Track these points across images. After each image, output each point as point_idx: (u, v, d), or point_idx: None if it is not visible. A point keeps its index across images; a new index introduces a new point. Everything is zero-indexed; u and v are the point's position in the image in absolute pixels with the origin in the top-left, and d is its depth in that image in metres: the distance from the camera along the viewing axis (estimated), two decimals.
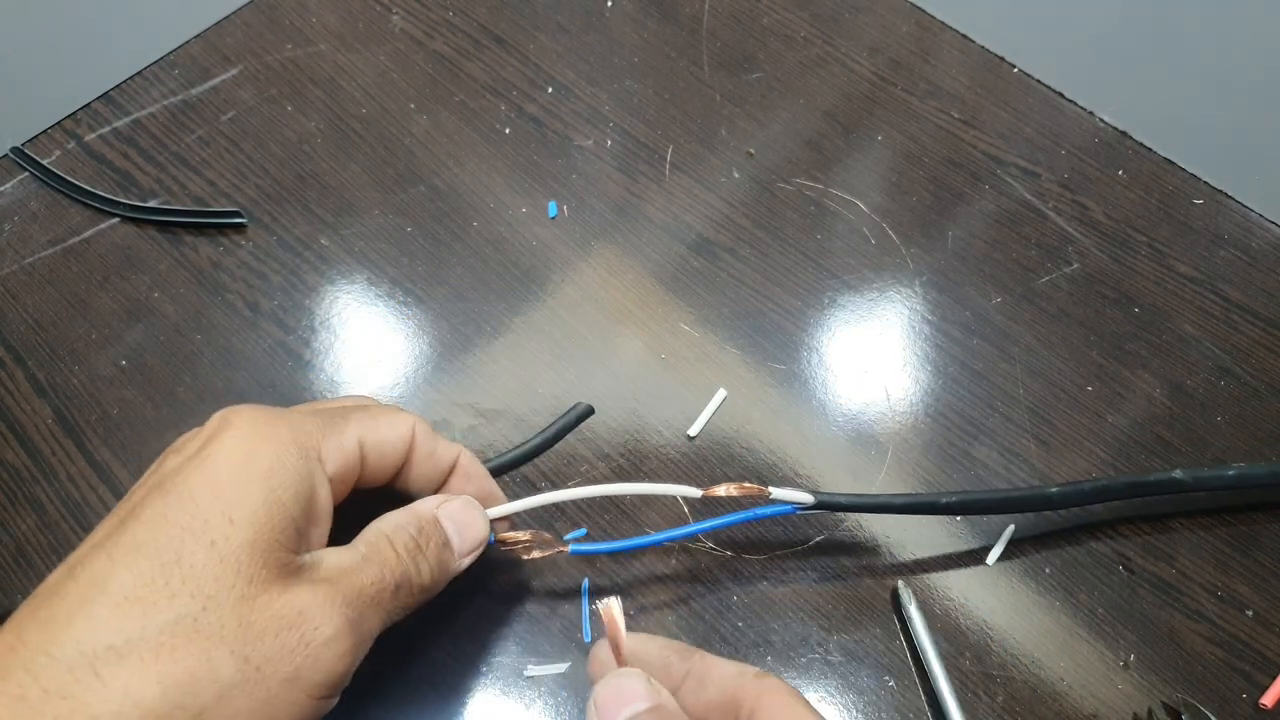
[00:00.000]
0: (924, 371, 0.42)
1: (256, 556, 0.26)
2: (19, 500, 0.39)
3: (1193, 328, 0.43)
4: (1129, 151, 0.48)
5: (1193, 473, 0.36)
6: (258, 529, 0.26)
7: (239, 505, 0.26)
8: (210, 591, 0.25)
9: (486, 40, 0.53)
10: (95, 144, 0.49)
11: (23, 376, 0.42)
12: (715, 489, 0.33)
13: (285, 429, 0.28)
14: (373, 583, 0.28)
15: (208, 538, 0.26)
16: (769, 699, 0.27)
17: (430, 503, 0.32)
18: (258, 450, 0.27)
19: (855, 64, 0.52)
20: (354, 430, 0.30)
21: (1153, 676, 0.36)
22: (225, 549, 0.26)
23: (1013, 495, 0.36)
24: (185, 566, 0.25)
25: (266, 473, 0.27)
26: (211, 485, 0.26)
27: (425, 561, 0.30)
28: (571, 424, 0.38)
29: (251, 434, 0.28)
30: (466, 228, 0.46)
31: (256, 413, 0.29)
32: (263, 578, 0.26)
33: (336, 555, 0.29)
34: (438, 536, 0.31)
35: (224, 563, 0.25)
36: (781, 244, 0.46)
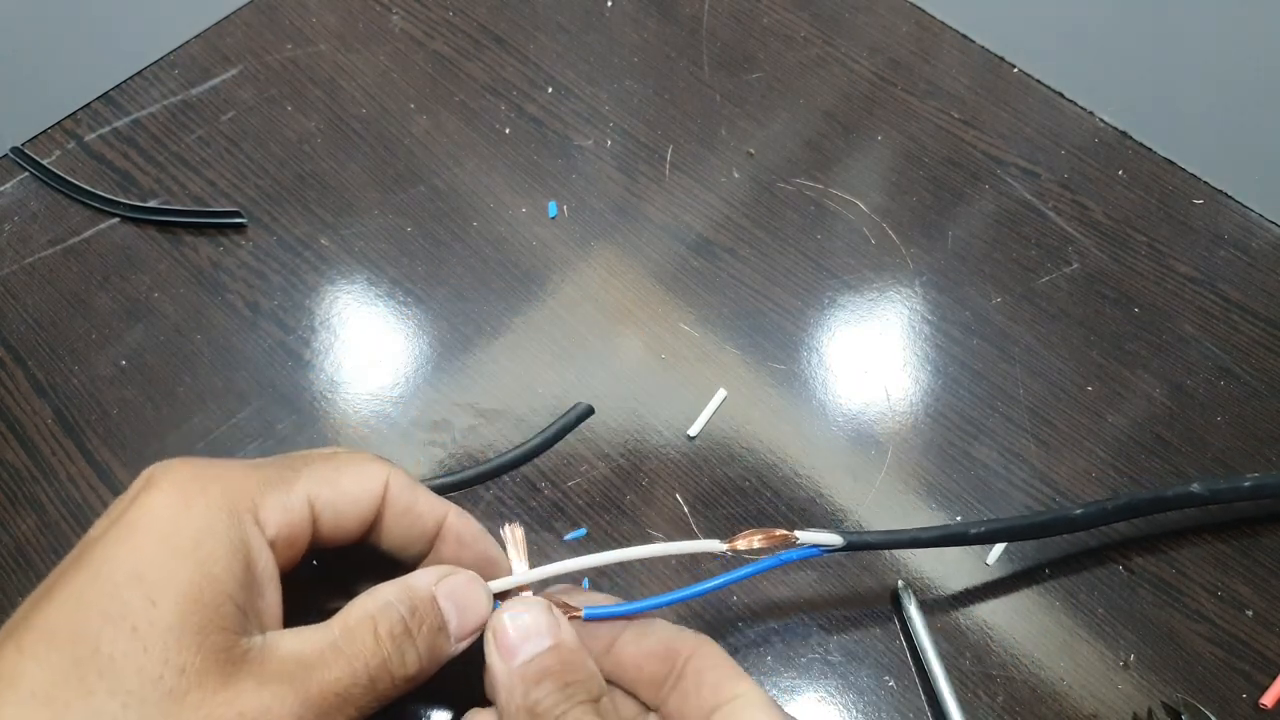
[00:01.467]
0: (924, 371, 0.42)
1: (187, 642, 0.22)
2: (19, 500, 0.39)
3: (1193, 328, 0.43)
4: (1129, 151, 0.48)
5: (1209, 484, 0.36)
6: (185, 610, 0.23)
7: (162, 585, 0.23)
8: (131, 687, 0.22)
9: (486, 40, 0.53)
10: (95, 144, 0.49)
11: (23, 376, 0.42)
12: (738, 542, 0.31)
13: (215, 489, 0.25)
14: (341, 678, 0.24)
15: (128, 624, 0.22)
16: (706, 649, 0.28)
17: (428, 577, 0.28)
18: (182, 516, 0.24)
19: (855, 64, 0.52)
20: (303, 486, 0.27)
21: (1153, 676, 0.36)
22: (149, 635, 0.22)
23: (1039, 520, 0.36)
24: (104, 658, 0.22)
25: (192, 543, 0.24)
26: (131, 561, 0.23)
27: (413, 649, 0.26)
28: (571, 424, 0.38)
29: (176, 497, 0.24)
30: (466, 228, 0.46)
31: (184, 470, 0.25)
32: (196, 667, 0.22)
33: (297, 639, 0.25)
34: (432, 619, 0.27)
35: (148, 652, 0.22)
36: (781, 244, 0.46)
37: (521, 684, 0.26)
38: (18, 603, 0.37)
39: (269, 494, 0.26)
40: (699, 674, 0.28)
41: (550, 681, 0.26)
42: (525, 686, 0.26)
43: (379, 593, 0.27)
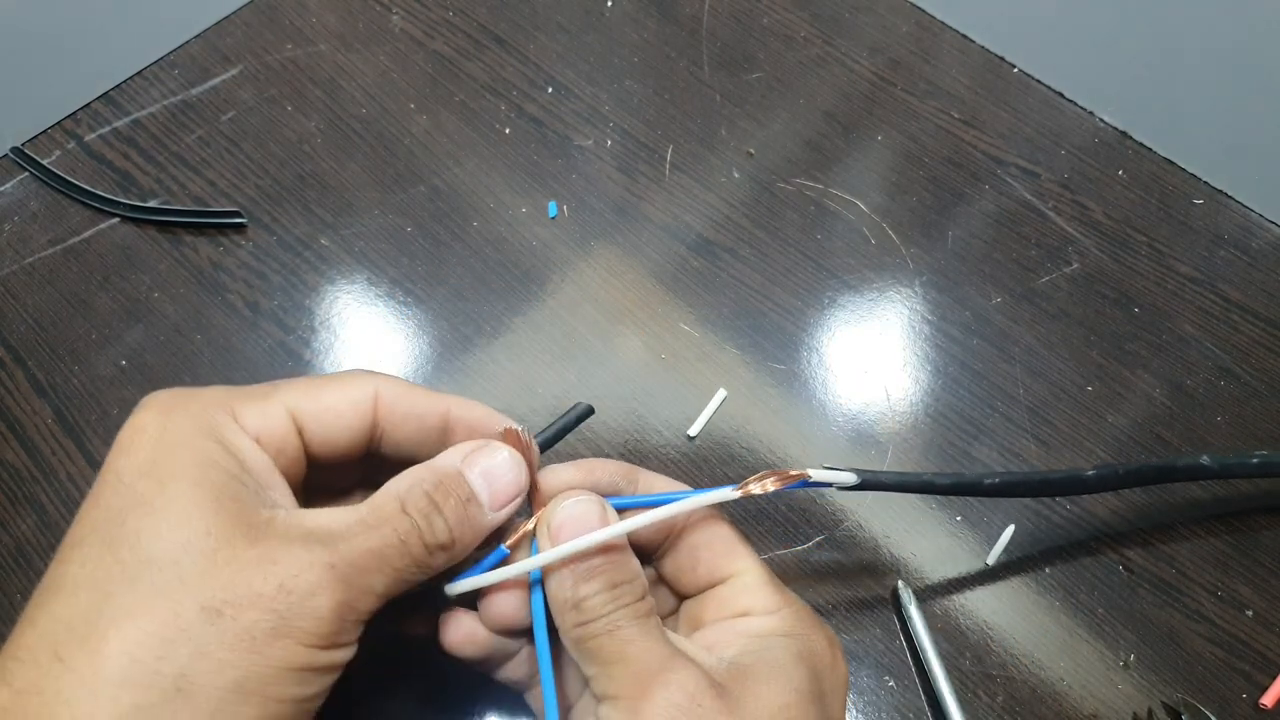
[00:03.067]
0: (924, 371, 0.42)
1: (205, 509, 0.24)
2: (19, 500, 0.39)
3: (1193, 327, 0.43)
4: (1129, 151, 0.48)
5: (1219, 459, 0.36)
6: (196, 487, 0.24)
7: (168, 473, 0.25)
8: (158, 552, 0.23)
9: (486, 40, 0.53)
10: (95, 144, 0.49)
11: (23, 376, 0.42)
12: (751, 486, 0.30)
13: (195, 402, 0.27)
14: (372, 544, 0.25)
15: (146, 507, 0.24)
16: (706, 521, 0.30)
17: (455, 454, 0.28)
18: (170, 423, 0.26)
19: (855, 64, 0.52)
20: (280, 397, 0.28)
21: (1153, 676, 0.36)
22: (168, 512, 0.24)
23: (1052, 477, 0.36)
24: (130, 537, 0.24)
25: (184, 439, 0.26)
26: (134, 463, 0.25)
27: (441, 519, 0.27)
28: (571, 424, 0.38)
29: (162, 411, 0.26)
30: (466, 228, 0.46)
31: (166, 394, 0.28)
32: (220, 528, 0.24)
33: (322, 515, 0.26)
34: (460, 491, 0.27)
35: (170, 524, 0.24)
36: (781, 244, 0.46)
37: (571, 577, 0.27)
38: (18, 602, 0.37)
39: (245, 403, 0.27)
40: (694, 549, 0.30)
41: (599, 580, 0.27)
42: (575, 580, 0.27)
43: (406, 474, 0.27)
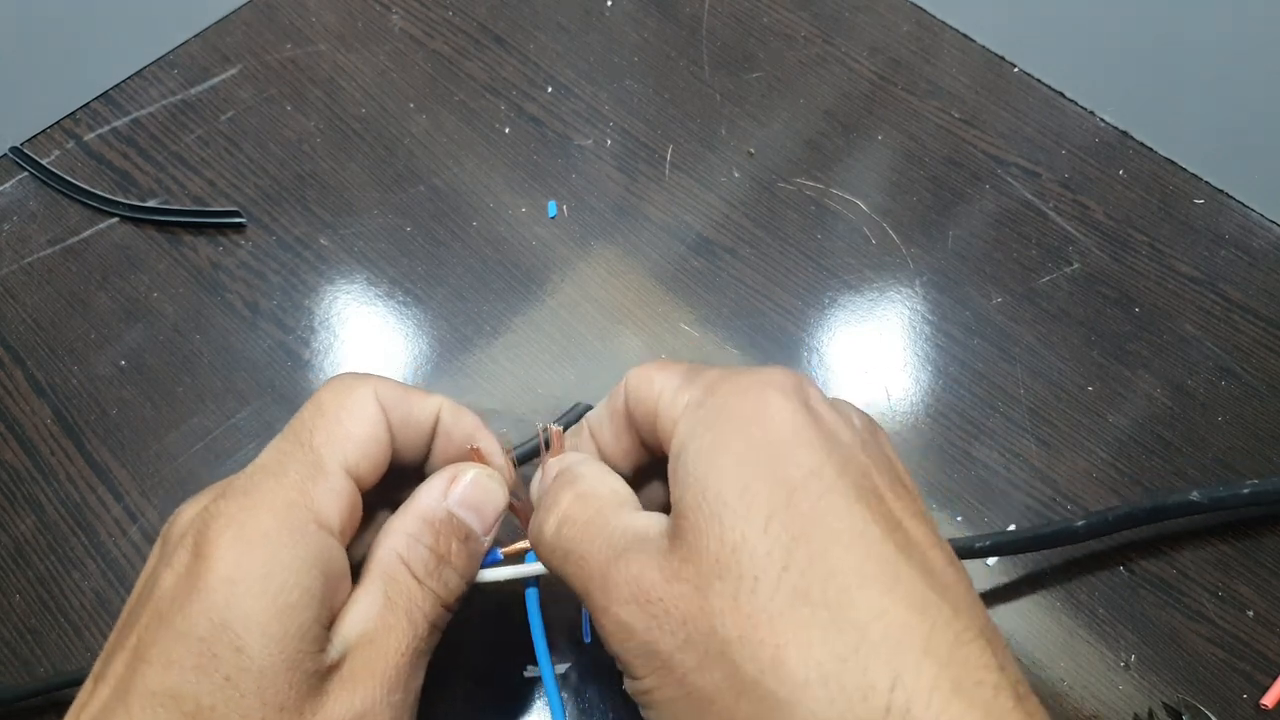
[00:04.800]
0: (924, 371, 0.42)
1: (280, 679, 0.23)
2: (18, 500, 0.39)
3: (1194, 328, 0.43)
4: (1130, 151, 0.48)
5: (1209, 492, 0.36)
6: (271, 650, 0.23)
7: (243, 630, 0.23)
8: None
9: (486, 40, 0.53)
10: (94, 144, 0.49)
11: (22, 376, 0.42)
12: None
13: (267, 516, 0.25)
14: (403, 640, 0.25)
15: (220, 674, 0.23)
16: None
17: (435, 493, 0.28)
18: (246, 555, 0.24)
19: (855, 63, 0.52)
20: (334, 461, 0.27)
21: (1153, 677, 0.35)
22: (242, 682, 0.23)
23: (1042, 533, 0.36)
24: (206, 711, 0.23)
25: (263, 579, 0.24)
26: (208, 613, 0.23)
27: (452, 572, 0.27)
28: (571, 424, 0.38)
29: (236, 537, 0.24)
30: (466, 227, 0.46)
31: (235, 506, 0.25)
32: (292, 700, 0.23)
33: (359, 619, 0.25)
34: (457, 533, 0.27)
35: (244, 697, 0.23)
36: (781, 244, 0.46)
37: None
38: (16, 602, 0.37)
39: (314, 489, 0.26)
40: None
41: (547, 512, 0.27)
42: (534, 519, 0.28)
43: (397, 529, 0.27)
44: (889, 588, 0.21)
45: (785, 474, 0.22)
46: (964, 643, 0.21)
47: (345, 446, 0.27)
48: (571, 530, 0.25)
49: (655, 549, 0.23)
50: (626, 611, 0.23)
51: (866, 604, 0.21)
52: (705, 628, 0.21)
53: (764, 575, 0.21)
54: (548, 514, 0.26)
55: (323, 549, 0.25)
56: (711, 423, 0.24)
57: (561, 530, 0.26)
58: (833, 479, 0.22)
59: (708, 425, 0.24)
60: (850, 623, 0.21)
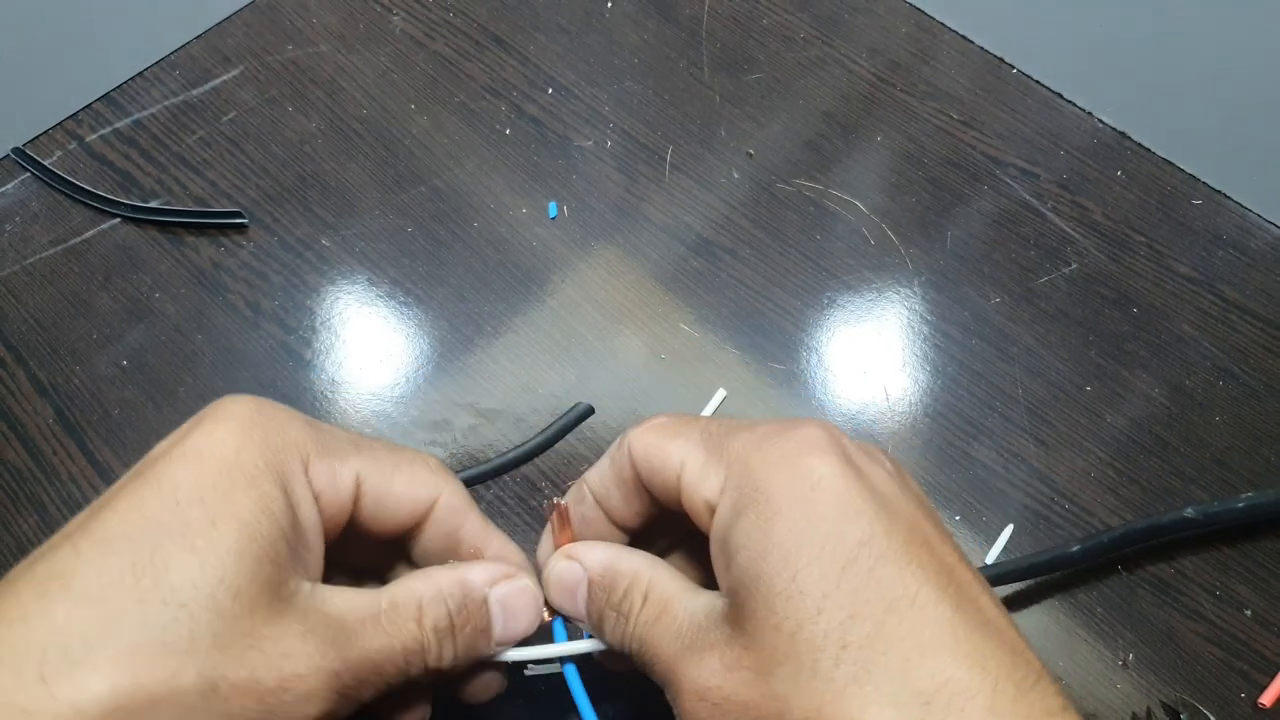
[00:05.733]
0: (923, 371, 0.43)
1: (243, 568, 0.22)
2: (20, 500, 0.39)
3: (1191, 328, 0.43)
4: (1128, 152, 0.48)
5: (1203, 509, 0.36)
6: (244, 537, 0.23)
7: (223, 510, 0.23)
8: (184, 600, 0.22)
9: (487, 41, 0.53)
10: (96, 144, 0.49)
11: (24, 376, 0.42)
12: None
13: (277, 434, 0.25)
14: (379, 650, 0.24)
15: (188, 540, 0.22)
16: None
17: (484, 575, 0.27)
18: (245, 450, 0.24)
19: (854, 65, 0.52)
20: (356, 463, 0.27)
21: (1151, 676, 0.36)
22: (206, 553, 0.22)
23: (1039, 560, 0.36)
24: (158, 568, 0.22)
25: (254, 477, 0.24)
26: (194, 481, 0.23)
27: (451, 646, 0.26)
28: (571, 424, 0.38)
29: (241, 431, 0.24)
30: (467, 228, 0.46)
31: (252, 407, 0.25)
32: (249, 594, 0.22)
33: (344, 600, 0.25)
34: (478, 621, 0.27)
35: (204, 569, 0.22)
36: (781, 244, 0.46)
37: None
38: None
39: (323, 457, 0.26)
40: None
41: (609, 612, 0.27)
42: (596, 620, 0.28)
43: (434, 578, 0.26)
44: (949, 650, 0.21)
45: (835, 550, 0.22)
46: (1025, 690, 0.21)
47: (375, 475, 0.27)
48: (643, 631, 0.26)
49: (717, 638, 0.24)
50: (696, 706, 0.23)
51: (928, 672, 0.21)
52: (771, 712, 0.22)
53: (823, 656, 0.21)
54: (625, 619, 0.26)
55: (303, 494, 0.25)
56: (752, 506, 0.24)
57: (635, 631, 0.26)
58: (883, 545, 0.22)
59: (749, 509, 0.24)
60: (914, 694, 0.21)
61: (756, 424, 0.26)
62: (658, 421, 0.28)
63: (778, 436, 0.25)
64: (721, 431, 0.26)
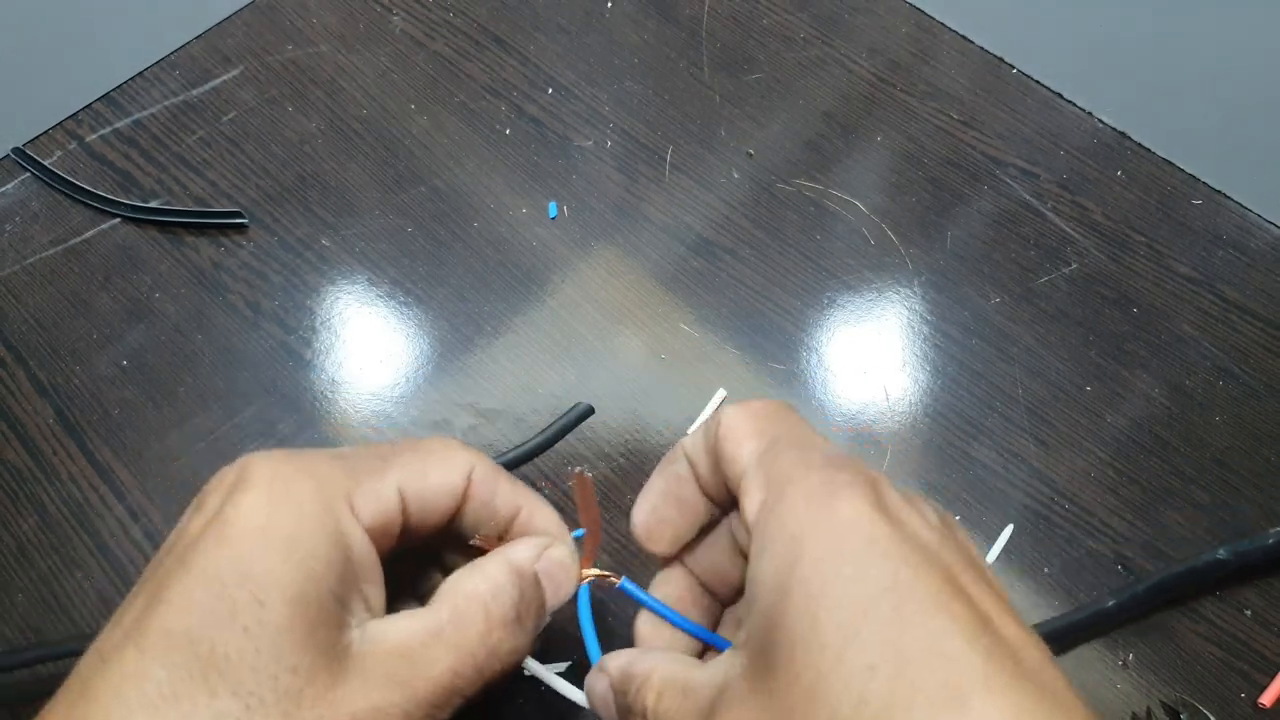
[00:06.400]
0: (923, 371, 0.43)
1: (297, 642, 0.23)
2: (20, 500, 0.39)
3: (1191, 328, 0.43)
4: (1128, 152, 0.48)
5: (1235, 548, 0.36)
6: (292, 610, 0.23)
7: (267, 584, 0.23)
8: (251, 687, 0.22)
9: (487, 41, 0.53)
10: (96, 144, 0.49)
11: (24, 376, 0.42)
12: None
13: (308, 483, 0.25)
14: (446, 671, 0.25)
15: (239, 624, 0.23)
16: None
17: (528, 553, 0.27)
18: (278, 513, 0.24)
19: (854, 65, 0.52)
20: (394, 477, 0.27)
21: (1151, 676, 0.36)
22: (260, 636, 0.23)
23: (1076, 619, 0.36)
24: (220, 659, 0.22)
25: (289, 540, 0.24)
26: (233, 561, 0.23)
27: (522, 633, 0.26)
28: (571, 424, 0.38)
29: (270, 493, 0.25)
30: (467, 228, 0.46)
31: (275, 466, 0.25)
32: (307, 666, 0.23)
33: (401, 630, 0.25)
34: (538, 601, 0.27)
35: (260, 653, 0.23)
36: (781, 244, 0.46)
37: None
38: (19, 600, 0.37)
39: (361, 483, 0.26)
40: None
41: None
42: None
43: (487, 572, 0.27)
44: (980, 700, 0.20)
45: (857, 596, 0.21)
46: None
47: (414, 481, 0.27)
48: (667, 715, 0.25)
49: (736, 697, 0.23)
50: None
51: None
52: None
53: (841, 709, 0.20)
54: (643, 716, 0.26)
55: (352, 532, 0.25)
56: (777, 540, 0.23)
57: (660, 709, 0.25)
58: (908, 589, 0.21)
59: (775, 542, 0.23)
60: None
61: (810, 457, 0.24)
62: (754, 408, 0.27)
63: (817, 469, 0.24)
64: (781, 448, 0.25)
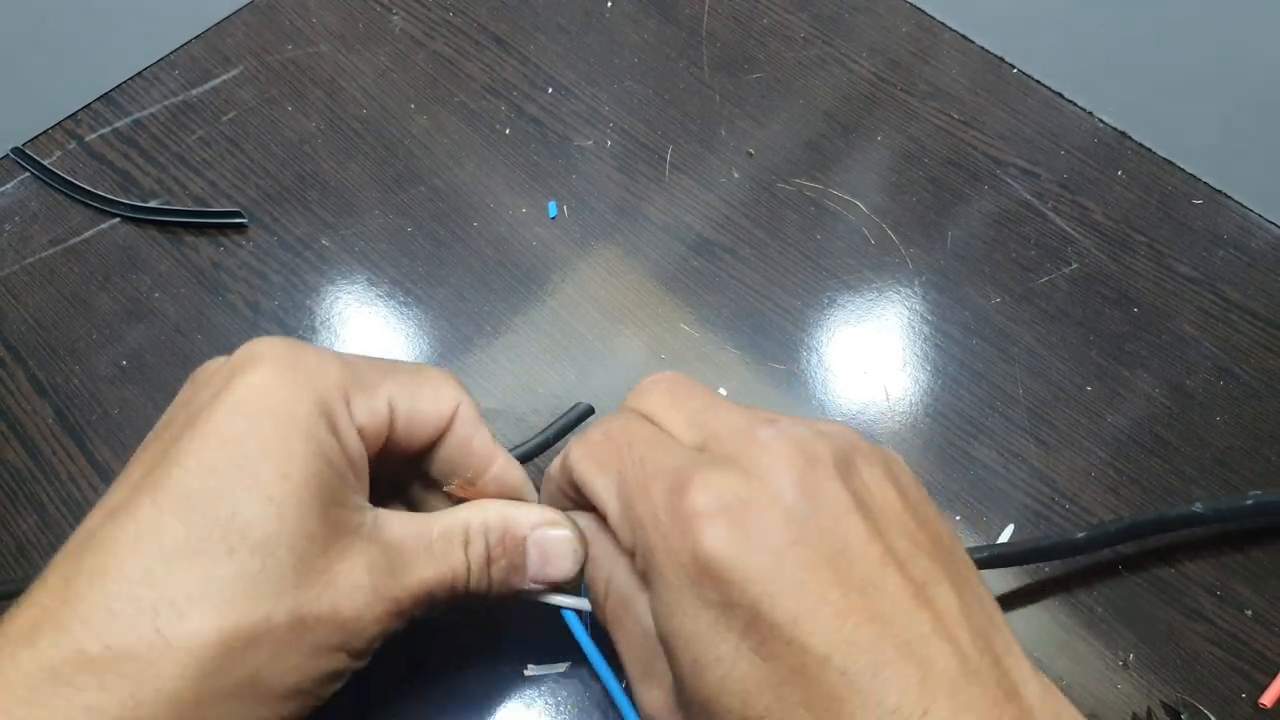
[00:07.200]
0: (923, 371, 0.42)
1: (315, 513, 0.25)
2: (20, 500, 0.39)
3: (1192, 328, 0.43)
4: (1128, 152, 0.48)
5: (1212, 504, 0.36)
6: (312, 485, 0.25)
7: (289, 460, 0.25)
8: (270, 549, 0.24)
9: (486, 41, 0.53)
10: (96, 144, 0.49)
11: (23, 376, 0.42)
12: None
13: (314, 376, 0.27)
14: (429, 578, 0.27)
15: (264, 493, 0.24)
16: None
17: (528, 519, 0.29)
18: (293, 397, 0.26)
19: (855, 64, 0.52)
20: (386, 390, 0.28)
21: (1152, 676, 0.36)
22: (284, 505, 0.24)
23: (1041, 545, 0.36)
24: (243, 523, 0.24)
25: (309, 424, 0.25)
26: (255, 434, 0.25)
27: (487, 576, 0.29)
28: (571, 424, 0.38)
29: (281, 374, 0.26)
30: (467, 228, 0.46)
31: (284, 350, 0.27)
32: (322, 536, 0.25)
33: (401, 528, 0.27)
34: (514, 558, 0.29)
35: (283, 520, 0.24)
36: (781, 244, 0.46)
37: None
38: None
39: (358, 390, 0.28)
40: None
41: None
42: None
43: (484, 510, 0.29)
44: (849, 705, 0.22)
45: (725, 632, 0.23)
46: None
47: (404, 399, 0.29)
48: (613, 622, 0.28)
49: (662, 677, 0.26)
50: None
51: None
52: None
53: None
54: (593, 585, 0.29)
55: (350, 430, 0.27)
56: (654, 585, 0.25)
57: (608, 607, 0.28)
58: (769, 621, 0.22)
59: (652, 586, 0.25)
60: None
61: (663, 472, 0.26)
62: (594, 439, 0.28)
63: (673, 508, 0.24)
64: (635, 481, 0.26)
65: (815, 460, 0.25)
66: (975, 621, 0.23)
